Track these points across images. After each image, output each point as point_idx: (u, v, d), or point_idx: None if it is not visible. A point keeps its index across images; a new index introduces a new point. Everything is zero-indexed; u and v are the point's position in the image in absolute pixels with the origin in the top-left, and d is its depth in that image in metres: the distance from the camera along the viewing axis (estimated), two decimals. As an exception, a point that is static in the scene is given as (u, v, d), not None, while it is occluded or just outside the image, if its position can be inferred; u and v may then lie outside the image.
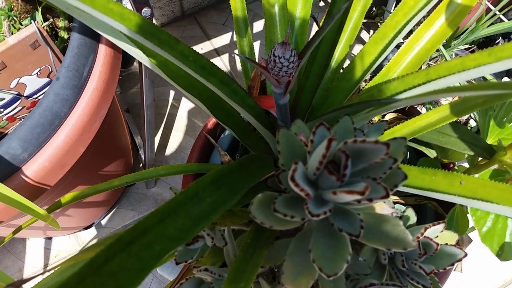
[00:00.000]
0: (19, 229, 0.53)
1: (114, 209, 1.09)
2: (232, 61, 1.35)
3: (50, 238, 1.06)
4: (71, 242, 1.06)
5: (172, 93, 1.27)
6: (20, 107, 0.64)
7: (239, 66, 1.33)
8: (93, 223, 1.06)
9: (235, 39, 0.64)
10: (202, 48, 1.36)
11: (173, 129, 1.21)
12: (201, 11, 1.45)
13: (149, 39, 0.32)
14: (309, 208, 0.27)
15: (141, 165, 1.14)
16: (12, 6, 0.58)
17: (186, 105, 1.26)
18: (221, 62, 1.33)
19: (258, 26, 1.42)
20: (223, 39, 1.38)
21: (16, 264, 1.03)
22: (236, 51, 0.64)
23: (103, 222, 1.08)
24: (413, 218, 0.43)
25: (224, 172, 0.37)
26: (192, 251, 0.35)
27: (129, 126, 1.15)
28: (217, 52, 1.36)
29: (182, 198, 0.31)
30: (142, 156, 1.09)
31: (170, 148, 1.19)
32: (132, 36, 0.32)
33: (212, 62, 0.37)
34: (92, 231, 1.08)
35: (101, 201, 0.96)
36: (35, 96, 0.64)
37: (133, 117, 1.19)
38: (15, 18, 0.58)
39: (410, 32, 0.54)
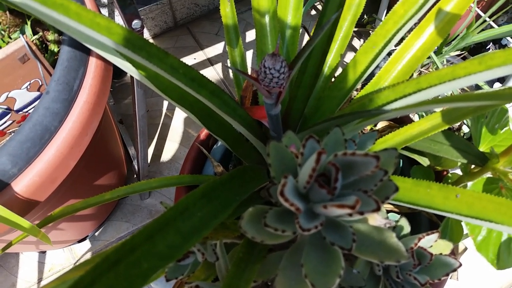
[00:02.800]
0: (9, 245, 0.52)
1: (108, 221, 1.08)
2: (225, 71, 1.35)
3: (43, 252, 1.05)
4: (65, 255, 1.05)
5: (165, 103, 1.27)
6: (10, 121, 0.63)
7: (232, 75, 1.33)
8: (87, 236, 1.05)
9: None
10: (195, 58, 1.36)
11: (167, 139, 1.21)
12: (194, 21, 1.45)
13: (137, 53, 0.32)
14: (300, 222, 0.26)
15: (135, 176, 1.13)
16: (0, 20, 0.57)
17: (179, 115, 1.25)
18: (214, 72, 1.33)
19: (251, 35, 1.42)
20: (216, 49, 1.38)
21: (9, 279, 1.02)
22: (229, 61, 0.64)
23: (97, 234, 1.07)
24: (407, 228, 0.42)
25: (216, 185, 0.37)
26: (183, 267, 0.35)
27: (123, 137, 1.14)
28: (210, 61, 1.36)
29: (172, 214, 0.30)
30: (136, 167, 1.08)
31: (164, 158, 1.18)
32: (121, 50, 0.31)
33: (202, 74, 0.37)
34: (86, 244, 1.06)
35: (95, 214, 0.95)
36: (25, 110, 0.63)
37: (127, 128, 1.19)
38: (3, 32, 0.58)
39: (402, 39, 0.54)
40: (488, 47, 1.06)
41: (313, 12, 1.47)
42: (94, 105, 0.58)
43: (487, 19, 0.91)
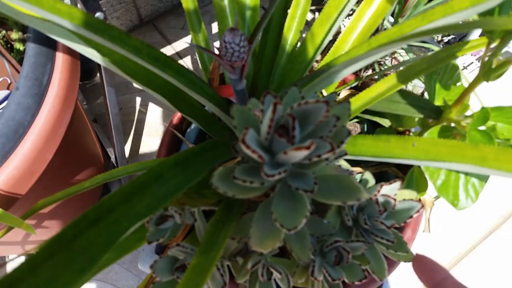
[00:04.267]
0: (-7, 240, 0.53)
1: (92, 221, 1.08)
2: (194, 63, 1.36)
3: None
4: (52, 258, 1.05)
5: (138, 99, 1.28)
6: (-18, 123, 0.63)
7: (200, 64, 1.35)
8: (72, 237, 1.05)
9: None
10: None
11: (143, 134, 1.22)
12: (159, 17, 1.46)
13: (100, 35, 0.33)
14: (264, 169, 0.29)
15: (114, 174, 1.14)
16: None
17: (153, 109, 1.26)
18: (184, 65, 1.34)
19: (216, 27, 1.44)
20: (183, 42, 1.40)
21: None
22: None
23: (82, 234, 1.07)
24: (371, 181, 0.45)
25: (188, 155, 0.39)
26: (163, 230, 0.37)
27: (98, 136, 1.15)
28: (179, 55, 1.37)
29: (146, 179, 0.32)
30: (114, 164, 1.09)
31: (142, 153, 1.19)
32: (83, 33, 0.33)
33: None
34: (72, 245, 1.07)
35: (79, 210, 0.95)
36: (-4, 110, 0.64)
37: (101, 127, 1.19)
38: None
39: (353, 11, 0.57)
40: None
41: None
42: (65, 99, 0.59)
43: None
